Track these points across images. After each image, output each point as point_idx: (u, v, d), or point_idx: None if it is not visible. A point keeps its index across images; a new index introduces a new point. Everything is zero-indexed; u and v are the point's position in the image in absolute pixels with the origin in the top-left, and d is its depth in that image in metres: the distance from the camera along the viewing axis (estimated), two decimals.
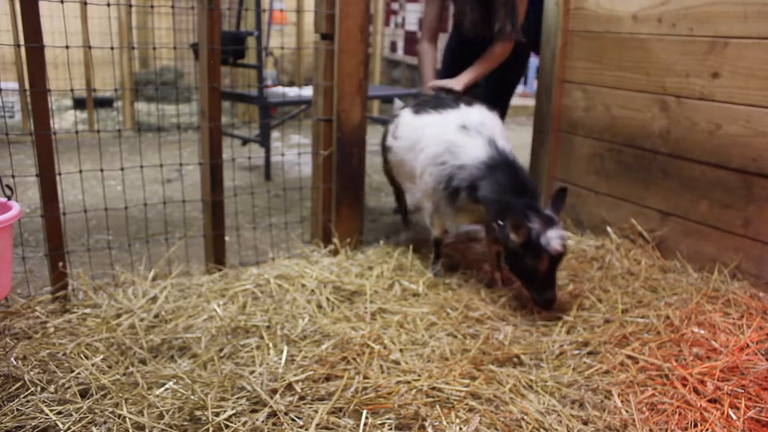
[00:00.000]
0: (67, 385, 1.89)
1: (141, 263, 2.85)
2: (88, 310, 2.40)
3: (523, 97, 9.22)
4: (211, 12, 2.62)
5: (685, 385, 1.97)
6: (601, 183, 3.33)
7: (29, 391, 1.86)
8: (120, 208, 3.00)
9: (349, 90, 2.97)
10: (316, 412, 1.78)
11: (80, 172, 2.71)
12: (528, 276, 2.48)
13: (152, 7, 6.49)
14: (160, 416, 1.76)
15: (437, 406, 1.84)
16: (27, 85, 2.32)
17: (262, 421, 1.74)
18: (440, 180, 2.66)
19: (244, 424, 1.73)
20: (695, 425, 1.79)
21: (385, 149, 3.21)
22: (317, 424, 1.73)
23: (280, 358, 2.06)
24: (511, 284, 2.78)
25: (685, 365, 2.08)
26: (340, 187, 3.07)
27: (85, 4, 2.69)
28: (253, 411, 1.80)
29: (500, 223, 2.48)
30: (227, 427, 1.72)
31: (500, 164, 2.56)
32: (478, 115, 2.74)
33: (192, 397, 1.83)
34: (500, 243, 2.58)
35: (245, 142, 5.64)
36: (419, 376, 1.99)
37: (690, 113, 2.85)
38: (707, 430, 1.77)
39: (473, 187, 2.59)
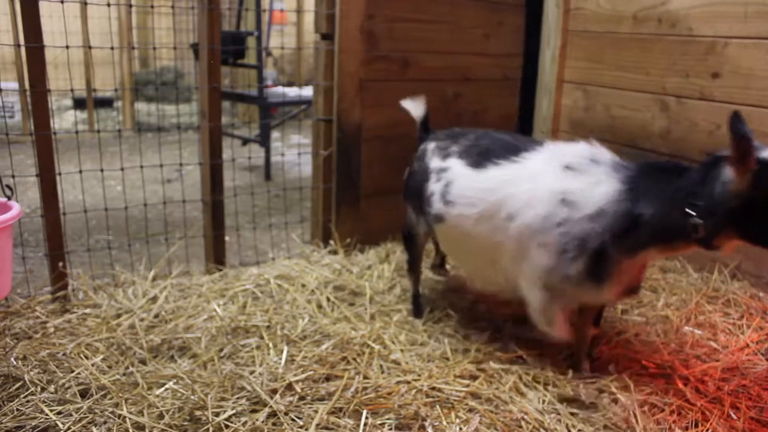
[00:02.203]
0: (67, 385, 1.89)
1: (141, 263, 2.85)
2: (88, 310, 2.39)
3: None
4: (211, 12, 2.63)
5: (685, 385, 1.97)
6: None
7: (29, 391, 1.86)
8: (120, 208, 3.00)
9: (349, 90, 2.97)
10: (316, 412, 1.78)
11: (80, 172, 2.71)
12: None
13: (152, 7, 6.49)
14: (160, 416, 1.76)
15: (437, 406, 1.84)
16: (27, 85, 2.32)
17: (262, 421, 1.74)
18: (564, 248, 1.87)
19: (244, 424, 1.73)
20: (696, 425, 1.79)
21: (427, 217, 2.29)
22: (317, 424, 1.72)
23: (280, 358, 2.06)
24: (603, 372, 2.06)
25: (686, 365, 2.08)
26: (340, 187, 3.07)
27: (85, 4, 2.69)
28: (253, 411, 1.80)
29: (692, 213, 1.70)
30: (227, 427, 1.72)
31: (644, 170, 1.87)
32: (576, 147, 2.03)
33: (192, 397, 1.83)
34: (708, 234, 1.70)
35: (245, 142, 5.64)
36: (419, 376, 1.99)
37: (690, 113, 2.85)
38: (708, 429, 1.77)
39: (633, 225, 1.80)
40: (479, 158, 2.10)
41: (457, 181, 2.13)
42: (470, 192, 2.08)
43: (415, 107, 2.52)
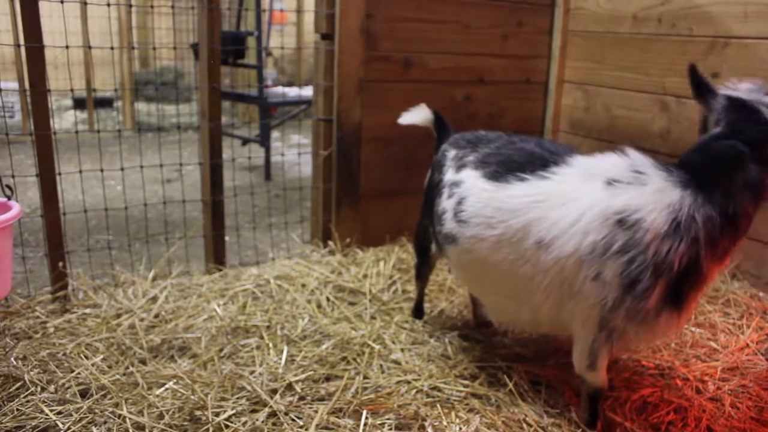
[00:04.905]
0: (67, 385, 1.89)
1: (141, 263, 2.85)
2: (88, 310, 2.39)
3: None
4: (211, 12, 2.63)
5: (685, 385, 1.97)
6: None
7: (29, 391, 1.86)
8: (120, 208, 3.00)
9: (349, 90, 2.97)
10: (316, 412, 1.78)
11: (80, 172, 2.71)
12: None
13: (152, 7, 6.49)
14: (160, 416, 1.76)
15: (437, 406, 1.84)
16: (27, 85, 2.32)
17: (262, 421, 1.74)
18: (634, 279, 1.57)
19: (244, 424, 1.73)
20: (696, 424, 1.79)
21: (435, 237, 2.09)
22: (317, 424, 1.73)
23: (280, 358, 2.06)
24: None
25: (686, 365, 2.08)
26: (340, 187, 3.07)
27: (85, 4, 2.69)
28: (253, 411, 1.80)
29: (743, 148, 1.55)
30: (227, 427, 1.72)
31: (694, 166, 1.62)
32: (609, 158, 1.74)
33: (192, 397, 1.83)
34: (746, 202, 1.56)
35: (245, 142, 5.64)
36: (419, 375, 1.99)
37: (690, 113, 2.85)
38: (708, 429, 1.77)
39: (719, 227, 1.56)
40: (500, 170, 1.82)
41: (471, 197, 1.85)
42: (488, 211, 1.79)
43: (417, 115, 2.30)
